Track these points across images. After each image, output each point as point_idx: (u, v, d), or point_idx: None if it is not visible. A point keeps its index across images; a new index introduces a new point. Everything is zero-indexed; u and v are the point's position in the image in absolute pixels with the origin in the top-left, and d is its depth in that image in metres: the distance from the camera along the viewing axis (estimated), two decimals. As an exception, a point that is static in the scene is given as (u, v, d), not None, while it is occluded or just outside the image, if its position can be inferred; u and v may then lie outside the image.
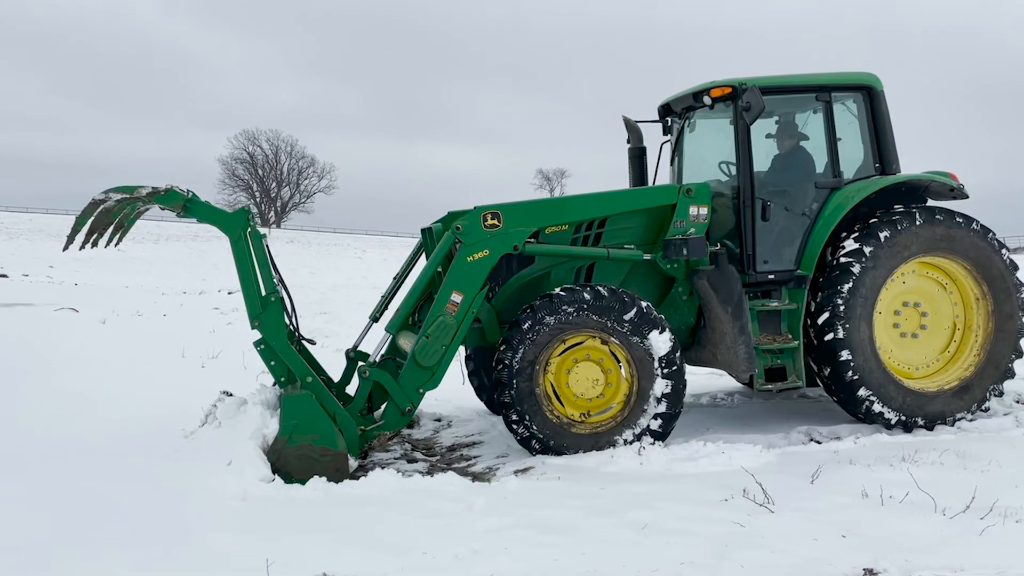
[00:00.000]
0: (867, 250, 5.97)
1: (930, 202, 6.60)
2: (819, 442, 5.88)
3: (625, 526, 4.02)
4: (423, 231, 6.15)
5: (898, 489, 4.45)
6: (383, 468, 5.13)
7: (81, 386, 7.21)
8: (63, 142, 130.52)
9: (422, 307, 5.78)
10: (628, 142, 7.39)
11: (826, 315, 5.96)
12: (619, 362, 5.51)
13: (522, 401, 5.34)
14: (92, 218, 4.88)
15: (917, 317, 6.33)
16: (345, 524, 4.01)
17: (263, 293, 5.08)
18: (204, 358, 9.10)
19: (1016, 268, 6.31)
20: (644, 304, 5.50)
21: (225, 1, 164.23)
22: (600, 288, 5.48)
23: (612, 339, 5.45)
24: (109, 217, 4.92)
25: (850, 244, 6.03)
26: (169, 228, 50.45)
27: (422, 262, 6.33)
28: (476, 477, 5.17)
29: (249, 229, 5.12)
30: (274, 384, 5.63)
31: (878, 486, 4.49)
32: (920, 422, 6.10)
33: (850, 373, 5.93)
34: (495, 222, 5.54)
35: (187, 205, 5.00)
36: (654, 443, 5.44)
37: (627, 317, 5.42)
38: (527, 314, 5.39)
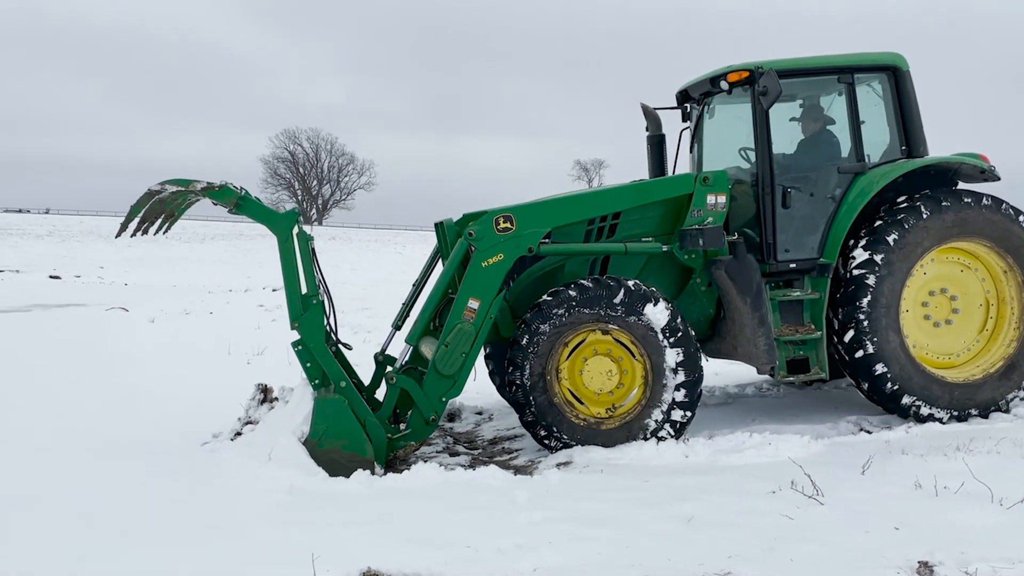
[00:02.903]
0: (878, 258, 5.77)
1: (961, 185, 6.36)
2: (869, 432, 5.74)
3: (670, 519, 3.96)
4: (436, 226, 6.10)
5: (953, 479, 4.31)
6: (425, 461, 5.15)
7: (131, 384, 7.39)
8: (113, 145, 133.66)
9: (442, 312, 5.71)
10: (647, 130, 7.26)
11: (851, 332, 5.79)
12: (626, 346, 5.43)
13: (544, 415, 5.30)
14: (146, 207, 4.97)
15: (947, 303, 6.13)
16: (389, 517, 4.02)
17: (305, 294, 5.11)
18: (249, 354, 9.24)
19: None
20: (631, 283, 5.41)
21: (276, 3, 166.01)
22: (583, 281, 5.41)
23: (611, 326, 5.37)
24: (162, 207, 5.01)
25: (860, 254, 5.83)
26: (215, 228, 51.36)
27: (439, 268, 6.25)
28: (518, 470, 5.15)
29: (297, 230, 5.16)
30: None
31: (932, 476, 4.36)
32: (974, 412, 5.93)
33: (889, 385, 5.77)
34: (508, 225, 5.47)
35: (239, 203, 5.07)
36: (685, 414, 5.38)
37: (617, 300, 5.34)
38: (522, 329, 5.34)
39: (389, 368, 5.46)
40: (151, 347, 9.88)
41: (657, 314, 5.36)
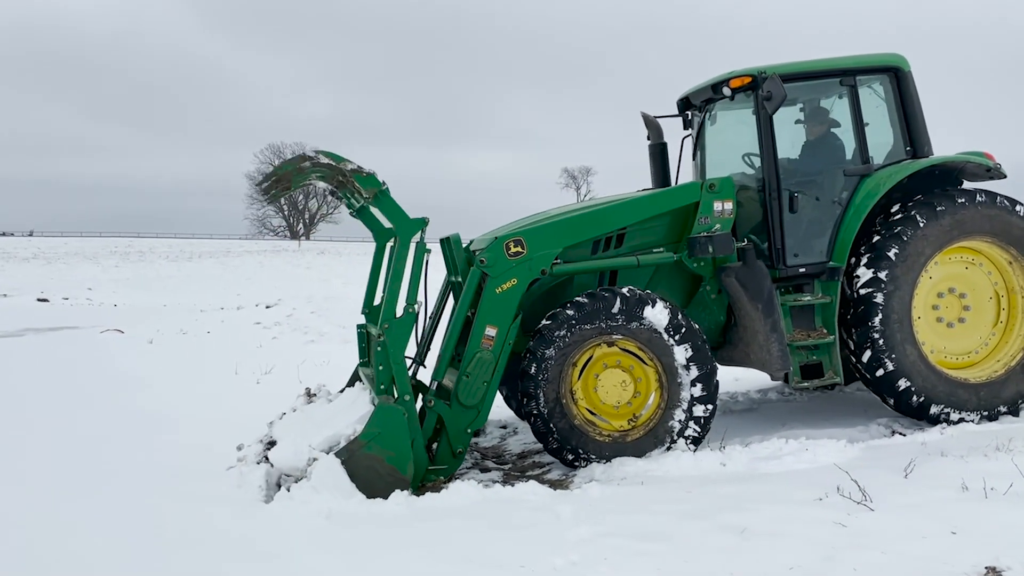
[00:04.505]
0: (882, 275, 5.73)
1: (966, 184, 6.34)
2: (903, 434, 5.69)
3: (722, 530, 3.88)
4: (442, 241, 5.98)
5: (999, 480, 4.27)
6: (458, 479, 5.05)
7: (141, 407, 7.23)
8: (97, 165, 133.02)
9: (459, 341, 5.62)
10: (648, 139, 7.21)
11: (868, 352, 5.74)
12: (634, 354, 5.37)
13: (568, 439, 5.24)
14: (289, 169, 4.98)
15: (957, 302, 6.11)
16: (434, 539, 3.91)
17: (405, 302, 5.08)
18: (257, 374, 9.09)
19: None
20: (625, 290, 5.37)
21: (259, 18, 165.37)
22: (579, 298, 5.36)
23: (615, 336, 5.30)
24: (298, 175, 5.02)
25: (864, 273, 5.79)
26: (201, 246, 51.02)
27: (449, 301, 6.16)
28: (554, 484, 5.05)
29: (418, 238, 5.16)
30: (342, 390, 5.65)
31: (978, 478, 4.31)
32: (1003, 409, 5.91)
33: (915, 398, 5.74)
34: (519, 249, 5.41)
35: (379, 194, 5.05)
36: (707, 408, 5.32)
37: (615, 310, 5.28)
38: (528, 359, 5.27)
39: (422, 394, 5.37)
40: (155, 369, 9.71)
41: (657, 315, 5.31)
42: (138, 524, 4.16)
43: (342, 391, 5.69)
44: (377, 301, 6.06)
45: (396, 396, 4.86)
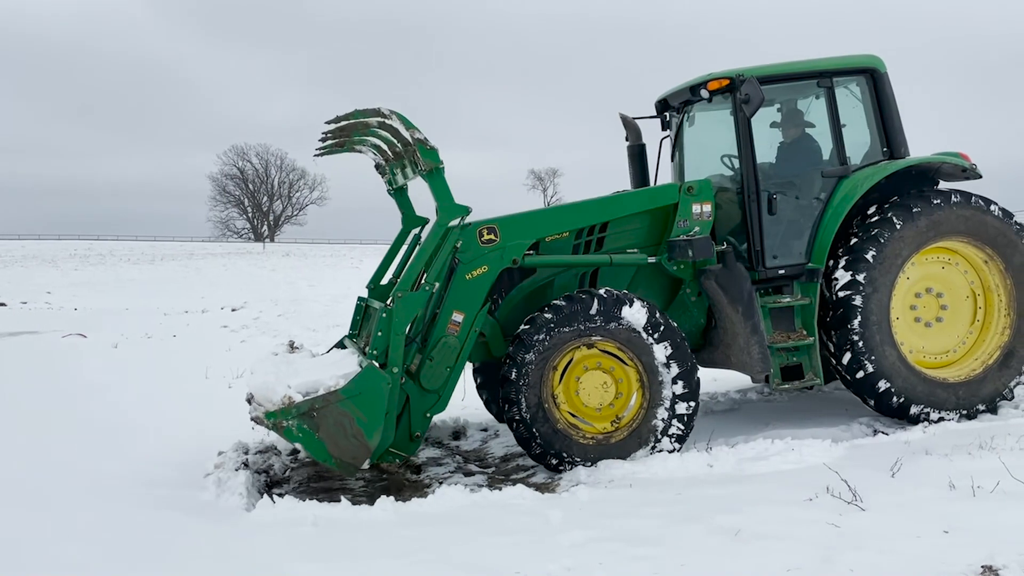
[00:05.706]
0: (860, 278, 5.78)
1: (943, 184, 6.41)
2: (886, 433, 5.72)
3: (716, 533, 3.85)
4: (415, 235, 5.98)
5: (985, 479, 4.28)
6: (442, 483, 4.96)
7: (111, 414, 7.01)
8: (54, 167, 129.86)
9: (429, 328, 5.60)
10: (627, 140, 7.20)
11: (848, 355, 5.77)
12: (614, 355, 5.34)
13: (551, 444, 5.19)
14: (358, 120, 5.06)
15: (934, 301, 6.17)
16: (424, 545, 3.82)
17: (425, 280, 5.10)
18: (228, 378, 8.88)
19: (1011, 216, 6.10)
20: (602, 292, 5.35)
21: (225, 19, 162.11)
22: (556, 302, 5.33)
23: (594, 338, 5.27)
24: (360, 129, 5.10)
25: (843, 275, 5.82)
26: (163, 248, 50.14)
27: None
28: (540, 488, 4.99)
29: (455, 223, 5.18)
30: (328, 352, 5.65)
31: (965, 476, 4.32)
32: (981, 408, 5.97)
33: (895, 399, 5.78)
34: (492, 237, 5.39)
35: (434, 170, 5.07)
36: (689, 405, 5.30)
37: (593, 311, 5.25)
38: (508, 364, 5.22)
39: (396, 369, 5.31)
40: (121, 374, 9.45)
41: (635, 314, 5.28)
42: (112, 536, 4.00)
43: (327, 352, 5.66)
44: (385, 280, 6.20)
45: (385, 365, 4.81)
